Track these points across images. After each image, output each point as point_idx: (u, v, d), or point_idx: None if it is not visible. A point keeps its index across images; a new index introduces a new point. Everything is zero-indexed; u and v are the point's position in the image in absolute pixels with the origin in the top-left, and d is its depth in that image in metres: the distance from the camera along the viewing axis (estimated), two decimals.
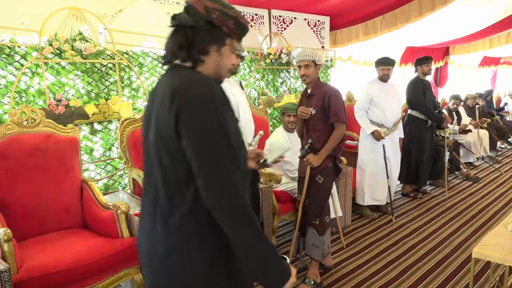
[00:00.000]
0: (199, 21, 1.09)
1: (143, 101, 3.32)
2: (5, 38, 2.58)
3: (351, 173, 3.59)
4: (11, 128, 2.37)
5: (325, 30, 4.91)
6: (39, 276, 1.91)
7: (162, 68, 3.42)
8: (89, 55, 2.87)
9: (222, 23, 1.10)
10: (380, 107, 3.84)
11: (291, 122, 3.35)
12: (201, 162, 1.00)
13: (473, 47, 6.84)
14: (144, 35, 3.26)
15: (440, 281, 2.69)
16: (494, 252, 2.01)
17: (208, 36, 1.10)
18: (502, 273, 2.55)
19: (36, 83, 2.73)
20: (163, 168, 1.06)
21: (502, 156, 6.76)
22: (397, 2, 4.26)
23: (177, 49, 1.11)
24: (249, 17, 4.12)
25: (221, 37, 1.12)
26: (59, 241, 2.26)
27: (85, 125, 2.96)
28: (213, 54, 1.12)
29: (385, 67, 3.83)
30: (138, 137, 2.90)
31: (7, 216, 2.21)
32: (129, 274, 2.30)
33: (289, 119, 3.36)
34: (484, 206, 4.24)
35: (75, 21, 2.85)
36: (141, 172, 2.78)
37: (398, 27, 4.39)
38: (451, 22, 5.17)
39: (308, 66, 2.60)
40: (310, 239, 2.67)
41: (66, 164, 2.53)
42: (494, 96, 8.83)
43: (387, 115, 3.84)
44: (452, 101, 5.82)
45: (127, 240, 2.27)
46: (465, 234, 3.48)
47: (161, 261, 1.10)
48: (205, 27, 1.09)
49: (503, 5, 4.78)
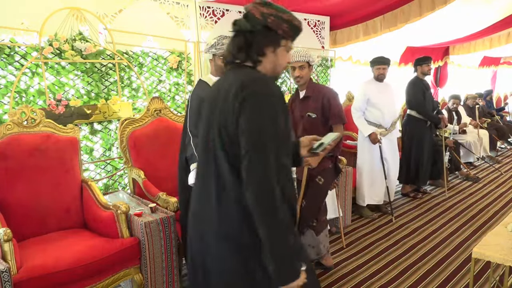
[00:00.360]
0: (257, 26, 1.22)
1: (143, 101, 3.32)
2: (5, 38, 2.58)
3: (351, 173, 3.59)
4: (11, 128, 2.37)
5: (325, 30, 4.91)
6: (39, 276, 1.91)
7: (162, 68, 3.42)
8: (89, 55, 2.87)
9: (277, 26, 1.22)
10: (378, 107, 3.83)
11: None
12: (248, 148, 1.12)
13: (473, 47, 6.84)
14: (144, 35, 3.26)
15: (440, 281, 2.69)
16: (494, 252, 2.01)
17: (265, 39, 1.23)
18: (502, 273, 2.55)
19: (36, 83, 2.73)
20: (225, 152, 1.19)
21: (502, 156, 6.76)
22: (397, 2, 4.26)
23: (236, 52, 1.25)
24: None
25: (277, 39, 1.25)
26: (59, 241, 2.26)
27: (85, 125, 2.96)
28: (270, 54, 1.26)
29: (381, 66, 3.81)
30: (138, 137, 2.90)
31: (7, 216, 2.21)
32: (129, 274, 2.30)
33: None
34: (484, 206, 4.24)
35: (75, 21, 2.85)
36: (141, 172, 2.78)
37: (398, 27, 4.39)
38: (451, 22, 5.17)
39: (302, 67, 2.55)
40: (307, 240, 2.67)
41: (66, 164, 2.53)
42: (494, 96, 8.83)
43: (384, 115, 3.84)
44: (451, 101, 5.82)
45: (127, 240, 2.27)
46: (465, 234, 3.47)
47: (215, 238, 1.24)
48: (262, 31, 1.22)
49: (503, 5, 4.77)
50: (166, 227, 2.34)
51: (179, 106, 3.59)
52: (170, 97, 3.52)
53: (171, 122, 3.10)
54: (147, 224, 2.26)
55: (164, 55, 3.43)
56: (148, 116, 3.00)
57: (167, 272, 2.39)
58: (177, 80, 3.53)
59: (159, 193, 2.58)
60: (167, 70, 3.46)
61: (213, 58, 2.36)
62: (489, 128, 6.67)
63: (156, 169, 2.90)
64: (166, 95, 3.49)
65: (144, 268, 2.32)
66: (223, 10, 3.85)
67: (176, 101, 3.57)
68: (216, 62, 2.34)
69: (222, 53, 2.30)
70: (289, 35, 1.26)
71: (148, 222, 2.26)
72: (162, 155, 2.97)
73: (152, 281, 2.34)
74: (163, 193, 2.57)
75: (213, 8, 3.77)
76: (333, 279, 2.74)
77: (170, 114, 3.12)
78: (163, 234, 2.33)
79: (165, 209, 2.48)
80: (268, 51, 1.25)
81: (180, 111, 3.57)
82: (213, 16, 3.77)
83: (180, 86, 3.57)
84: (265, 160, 1.12)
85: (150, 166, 2.88)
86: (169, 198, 2.52)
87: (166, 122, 3.07)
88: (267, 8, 1.21)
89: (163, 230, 2.33)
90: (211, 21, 3.77)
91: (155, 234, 2.30)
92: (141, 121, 2.96)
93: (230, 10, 3.90)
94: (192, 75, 3.63)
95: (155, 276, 2.35)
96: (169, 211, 2.44)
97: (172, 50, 3.43)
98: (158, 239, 2.31)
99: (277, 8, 1.23)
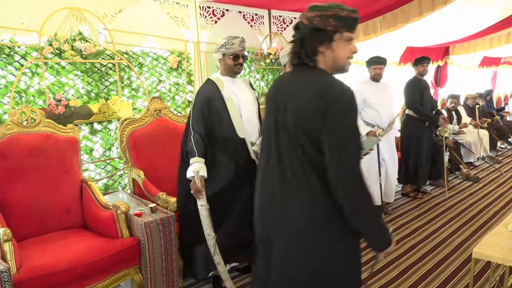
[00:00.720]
0: (306, 31, 1.35)
1: (143, 101, 3.32)
2: (5, 38, 2.58)
3: None
4: (11, 128, 2.37)
5: None
6: (39, 276, 1.91)
7: (162, 68, 3.42)
8: (89, 55, 2.87)
9: (324, 24, 1.32)
10: (374, 108, 3.81)
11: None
12: (334, 150, 1.27)
13: (473, 47, 6.83)
14: (144, 35, 3.26)
15: (440, 281, 2.68)
16: (494, 252, 2.01)
17: (314, 40, 1.34)
18: (502, 273, 2.55)
19: (36, 83, 2.73)
20: (303, 150, 1.32)
21: (502, 156, 6.76)
22: (397, 2, 4.25)
23: (292, 56, 1.42)
24: (249, 17, 4.12)
25: (328, 36, 1.33)
26: (59, 241, 2.26)
27: (85, 125, 2.96)
28: (326, 52, 1.36)
29: (377, 66, 3.80)
30: (138, 137, 2.90)
31: (7, 216, 2.21)
32: (129, 274, 2.30)
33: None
34: (484, 206, 4.24)
35: (75, 21, 2.85)
36: (140, 172, 2.78)
37: (398, 27, 4.39)
38: (451, 22, 5.16)
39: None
40: None
41: (66, 164, 2.53)
42: (494, 96, 8.83)
43: (381, 116, 3.82)
44: (449, 100, 5.83)
45: (127, 240, 2.27)
46: (465, 234, 3.47)
47: (297, 231, 1.38)
48: (312, 34, 1.34)
49: (504, 5, 4.77)
50: (166, 227, 2.33)
51: (179, 106, 3.59)
52: (170, 97, 3.52)
53: (171, 122, 3.10)
54: (147, 224, 2.26)
55: (164, 55, 3.43)
56: (148, 116, 3.00)
57: (167, 272, 2.39)
58: (177, 80, 3.53)
59: (159, 193, 2.58)
60: (167, 70, 3.46)
61: (222, 58, 2.40)
62: (489, 128, 6.67)
63: (156, 169, 2.90)
64: (166, 95, 3.49)
65: (144, 268, 2.32)
66: (223, 10, 3.85)
67: (176, 101, 3.57)
68: (226, 62, 2.40)
69: (231, 53, 2.34)
70: (340, 26, 1.32)
71: (148, 222, 2.26)
72: (162, 155, 2.97)
73: (152, 281, 2.34)
74: (163, 193, 2.57)
75: (213, 8, 3.77)
76: None
77: (170, 114, 3.12)
78: (163, 234, 2.33)
79: (165, 209, 2.48)
80: (322, 49, 1.36)
81: (180, 111, 3.57)
82: (213, 16, 3.77)
83: (180, 86, 3.57)
84: (352, 155, 1.29)
85: (150, 166, 2.88)
86: (169, 198, 2.51)
87: (166, 122, 3.07)
88: (312, 12, 1.34)
89: (163, 230, 2.33)
90: (211, 21, 3.77)
91: (155, 234, 2.29)
92: (141, 121, 2.96)
93: (230, 10, 3.90)
94: (192, 75, 3.63)
95: (155, 276, 2.35)
96: (169, 211, 2.44)
97: (172, 50, 3.43)
98: (158, 239, 2.31)
99: (321, 7, 1.32)
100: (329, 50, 1.36)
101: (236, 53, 2.36)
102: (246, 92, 2.52)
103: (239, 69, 2.43)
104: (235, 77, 2.46)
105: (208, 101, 2.35)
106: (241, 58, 2.40)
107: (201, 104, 2.35)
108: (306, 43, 1.36)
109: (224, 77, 2.43)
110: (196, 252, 2.45)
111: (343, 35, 1.35)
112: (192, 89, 3.64)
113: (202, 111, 2.34)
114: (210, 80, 2.43)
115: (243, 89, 2.52)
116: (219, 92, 2.38)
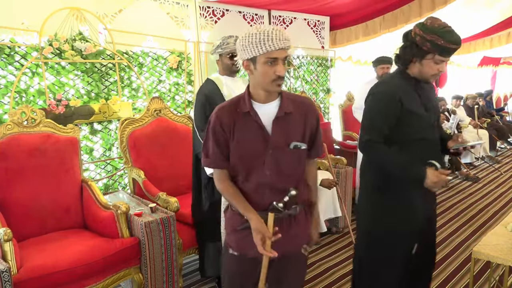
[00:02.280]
0: (408, 42, 1.71)
1: (143, 101, 3.32)
2: (5, 38, 2.58)
3: (351, 173, 3.59)
4: (11, 128, 2.37)
5: (325, 30, 4.91)
6: (39, 276, 1.91)
7: (162, 68, 3.42)
8: (89, 55, 2.87)
9: (422, 44, 1.64)
10: None
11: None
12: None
13: (473, 47, 6.84)
14: (144, 35, 3.26)
15: (440, 281, 2.69)
16: (494, 252, 2.01)
17: (410, 51, 1.69)
18: (502, 273, 2.55)
19: (36, 83, 2.73)
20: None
21: (502, 156, 6.76)
22: (397, 2, 4.26)
23: (397, 58, 1.80)
24: (249, 17, 4.12)
25: (422, 53, 1.66)
26: (59, 241, 2.26)
27: (85, 125, 2.96)
28: (416, 63, 1.71)
29: (384, 65, 3.76)
30: (138, 137, 2.90)
31: (7, 216, 2.21)
32: (129, 274, 2.30)
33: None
34: (484, 206, 4.24)
35: (75, 21, 2.85)
36: (141, 172, 2.78)
37: (398, 28, 4.39)
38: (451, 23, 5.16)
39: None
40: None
41: (66, 164, 2.53)
42: (494, 96, 8.84)
43: None
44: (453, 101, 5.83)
45: (127, 240, 2.27)
46: (465, 234, 3.48)
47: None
48: (411, 46, 1.69)
49: (505, 6, 4.78)
50: (166, 227, 2.34)
51: (179, 106, 3.59)
52: (170, 97, 3.53)
53: (171, 122, 3.10)
54: (147, 224, 2.26)
55: (164, 55, 3.43)
56: (148, 116, 3.00)
57: (167, 272, 2.39)
58: (177, 80, 3.53)
59: (159, 193, 2.58)
60: (167, 70, 3.46)
61: (220, 58, 2.41)
62: (489, 128, 6.68)
63: (156, 169, 2.90)
64: (166, 95, 3.49)
65: (144, 268, 2.32)
66: (223, 10, 3.85)
67: (176, 101, 3.57)
68: (223, 61, 2.40)
69: (228, 52, 2.35)
70: (433, 50, 1.63)
71: (148, 222, 2.26)
72: (162, 155, 2.97)
73: (152, 281, 2.34)
74: (163, 193, 2.57)
75: (213, 8, 3.77)
76: (333, 278, 2.74)
77: (170, 114, 3.12)
78: (163, 234, 2.33)
79: (165, 209, 2.48)
80: (415, 60, 1.70)
81: (180, 111, 3.57)
82: (213, 16, 3.77)
83: (180, 86, 3.57)
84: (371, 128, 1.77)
85: (150, 166, 2.89)
86: (169, 198, 2.52)
87: (166, 122, 3.07)
88: (419, 30, 1.65)
89: (163, 230, 2.33)
90: (211, 21, 3.77)
91: (155, 234, 2.30)
92: (141, 121, 2.96)
93: (230, 10, 3.90)
94: (192, 75, 3.63)
95: (155, 276, 2.35)
96: (169, 211, 2.44)
97: (172, 50, 3.43)
98: (158, 239, 2.32)
99: (426, 29, 1.63)
100: (419, 64, 1.69)
101: (232, 51, 2.37)
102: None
103: (236, 67, 2.44)
104: (234, 76, 2.47)
105: (208, 99, 2.36)
106: (233, 58, 2.42)
107: (203, 101, 2.37)
108: (405, 51, 1.72)
109: (223, 76, 2.44)
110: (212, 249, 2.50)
111: (435, 57, 1.64)
112: (192, 89, 3.64)
113: (204, 109, 2.35)
114: (210, 79, 2.45)
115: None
116: (219, 90, 2.39)
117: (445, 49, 1.62)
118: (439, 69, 1.68)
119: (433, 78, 1.73)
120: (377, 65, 3.83)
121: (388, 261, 1.86)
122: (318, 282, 2.70)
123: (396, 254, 1.84)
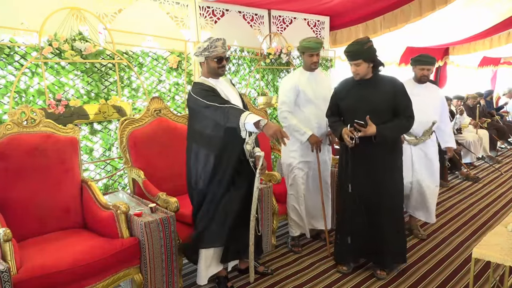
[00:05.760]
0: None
1: (143, 101, 3.32)
2: (5, 38, 2.58)
3: None
4: (11, 128, 2.37)
5: (325, 30, 4.91)
6: (39, 276, 1.91)
7: (162, 68, 3.42)
8: (89, 55, 2.87)
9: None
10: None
11: (314, 62, 3.02)
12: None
13: (473, 47, 6.84)
14: (144, 35, 3.26)
15: (440, 281, 2.69)
16: (494, 252, 2.01)
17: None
18: (502, 273, 2.55)
19: (35, 83, 2.73)
20: None
21: (502, 156, 6.76)
22: (397, 2, 4.26)
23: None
24: (249, 17, 4.12)
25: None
26: (59, 241, 2.26)
27: (85, 125, 2.96)
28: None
29: (425, 66, 3.20)
30: (138, 137, 2.90)
31: (7, 216, 2.21)
32: (129, 274, 2.30)
33: (312, 59, 3.01)
34: (484, 206, 4.24)
35: (75, 21, 2.85)
36: (140, 172, 2.78)
37: (398, 27, 4.39)
38: (451, 24, 5.17)
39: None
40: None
41: (66, 164, 2.53)
42: (494, 96, 8.84)
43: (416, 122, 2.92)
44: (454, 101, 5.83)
45: (127, 240, 2.27)
46: (465, 234, 3.47)
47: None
48: None
49: (505, 6, 4.77)
50: (166, 227, 2.34)
51: (179, 106, 3.59)
52: (170, 97, 3.52)
53: (171, 122, 3.10)
54: (147, 224, 2.26)
55: (164, 55, 3.43)
56: (148, 116, 3.00)
57: (167, 272, 2.39)
58: (177, 80, 3.53)
59: (159, 193, 2.58)
60: (167, 70, 3.46)
61: (205, 61, 2.38)
62: (489, 128, 6.67)
63: (156, 169, 2.90)
64: (166, 95, 3.49)
65: (144, 268, 2.32)
66: (223, 10, 3.85)
67: (176, 101, 3.57)
68: (209, 65, 2.39)
69: (215, 56, 2.33)
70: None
71: (148, 222, 2.26)
72: (162, 155, 2.97)
73: (152, 281, 2.34)
74: (163, 193, 2.57)
75: (213, 8, 3.77)
76: (334, 278, 2.74)
77: (170, 114, 3.12)
78: (163, 234, 2.33)
79: (165, 209, 2.48)
80: None
81: (180, 111, 3.57)
82: (213, 16, 3.77)
83: (180, 86, 3.57)
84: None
85: (150, 166, 2.88)
86: (169, 198, 2.52)
87: (166, 122, 3.07)
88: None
89: (163, 230, 2.33)
90: (211, 21, 3.77)
91: (155, 234, 2.30)
92: (141, 121, 2.96)
93: (230, 10, 3.90)
94: (192, 75, 3.63)
95: (155, 276, 2.35)
96: (169, 211, 2.44)
97: (172, 50, 3.43)
98: (158, 239, 2.31)
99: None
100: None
101: (220, 55, 2.35)
102: (230, 90, 2.52)
103: (222, 71, 2.43)
104: (218, 78, 2.46)
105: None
106: (224, 60, 2.40)
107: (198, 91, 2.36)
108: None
109: (208, 79, 2.43)
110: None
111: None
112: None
113: (201, 95, 2.35)
114: (197, 83, 2.42)
115: (228, 88, 2.52)
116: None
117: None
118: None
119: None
120: (416, 65, 3.27)
121: None
122: (318, 282, 2.70)
123: None
